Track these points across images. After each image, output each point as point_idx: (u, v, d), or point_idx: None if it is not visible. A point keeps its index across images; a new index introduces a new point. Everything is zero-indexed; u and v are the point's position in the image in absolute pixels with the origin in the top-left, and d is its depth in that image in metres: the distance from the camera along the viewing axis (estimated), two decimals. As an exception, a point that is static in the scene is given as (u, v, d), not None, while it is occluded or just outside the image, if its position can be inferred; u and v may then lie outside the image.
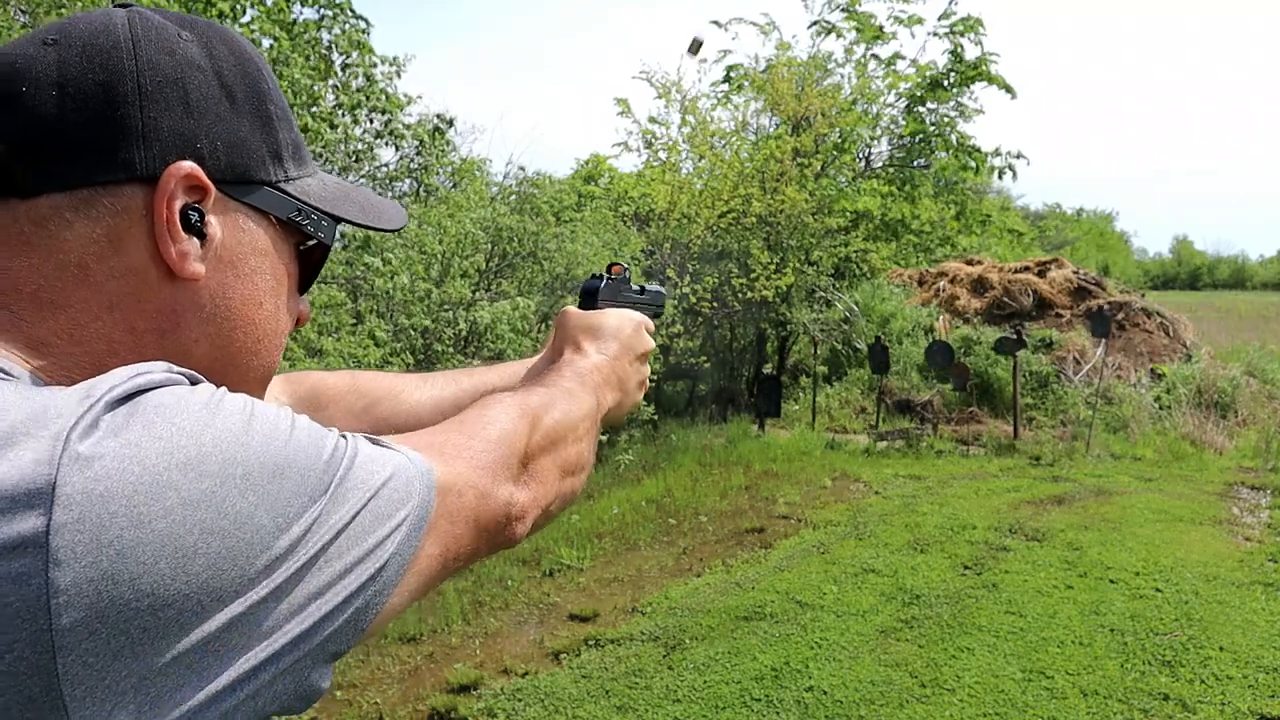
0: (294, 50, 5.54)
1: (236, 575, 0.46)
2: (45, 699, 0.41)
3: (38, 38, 0.57)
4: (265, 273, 0.63)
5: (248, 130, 0.61)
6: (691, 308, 10.21)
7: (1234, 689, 3.79)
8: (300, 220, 0.64)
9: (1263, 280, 67.95)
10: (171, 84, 0.57)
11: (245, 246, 0.62)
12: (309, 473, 0.50)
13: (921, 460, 8.53)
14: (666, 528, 6.50)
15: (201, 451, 0.46)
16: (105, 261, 0.56)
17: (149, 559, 0.43)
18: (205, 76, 0.59)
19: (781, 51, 12.75)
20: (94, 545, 0.42)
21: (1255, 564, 5.37)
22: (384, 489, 0.54)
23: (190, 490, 0.44)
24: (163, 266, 0.57)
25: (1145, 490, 7.27)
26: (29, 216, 0.55)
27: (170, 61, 0.58)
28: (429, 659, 4.44)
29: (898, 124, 13.24)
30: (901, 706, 3.71)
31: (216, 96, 0.59)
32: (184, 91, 0.58)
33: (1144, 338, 11.78)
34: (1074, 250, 38.81)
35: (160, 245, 0.57)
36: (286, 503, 0.48)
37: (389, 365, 5.81)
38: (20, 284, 0.55)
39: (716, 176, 11.20)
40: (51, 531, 0.41)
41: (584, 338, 0.97)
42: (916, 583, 5.09)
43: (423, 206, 7.52)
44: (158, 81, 0.57)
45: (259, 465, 0.48)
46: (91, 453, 0.43)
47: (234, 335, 0.62)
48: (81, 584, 0.41)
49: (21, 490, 0.41)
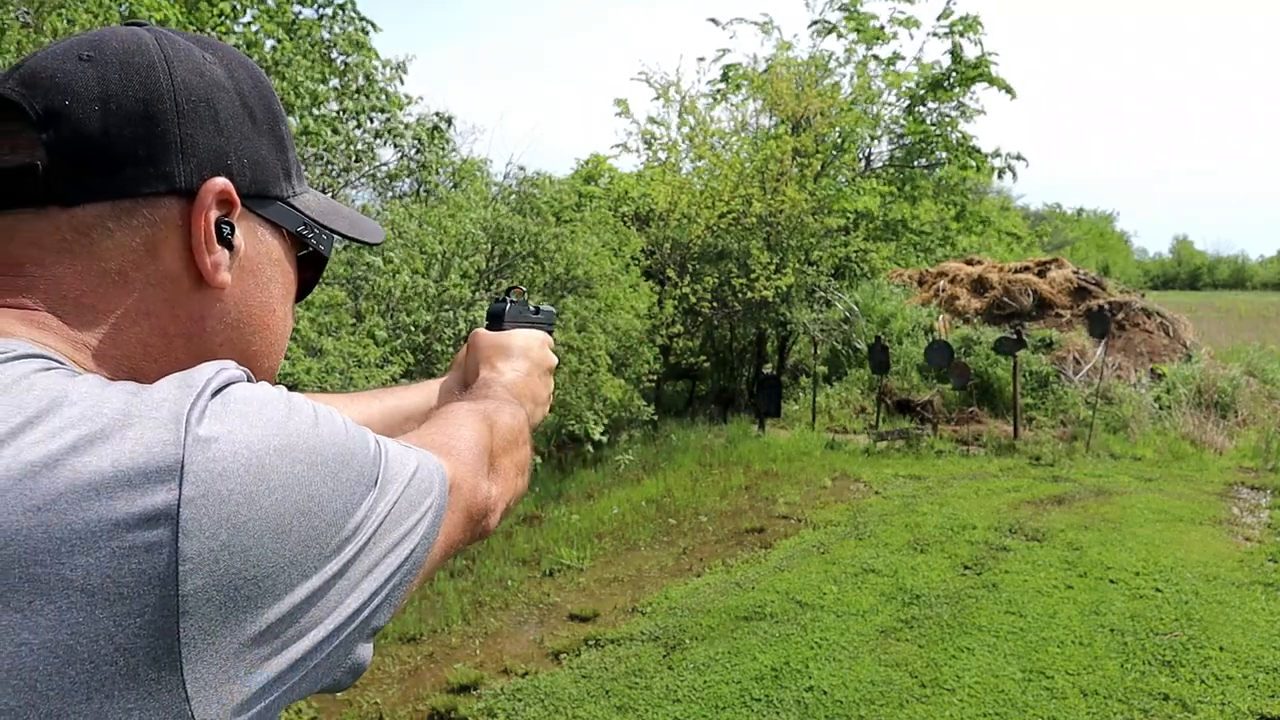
0: (295, 51, 5.54)
1: (317, 552, 0.52)
2: (167, 659, 0.46)
3: (72, 53, 0.60)
4: (278, 281, 0.68)
5: (266, 149, 0.66)
6: (691, 308, 10.21)
7: (1234, 689, 3.79)
8: (305, 233, 0.69)
9: (1263, 280, 67.93)
10: (204, 103, 0.61)
11: (263, 257, 0.66)
12: (365, 463, 0.56)
13: (921, 460, 8.53)
14: (666, 528, 6.50)
15: (290, 440, 0.51)
16: (143, 269, 0.60)
17: (257, 533, 0.48)
18: (230, 97, 0.63)
19: (781, 51, 12.74)
20: (216, 518, 0.47)
21: (1255, 564, 5.37)
22: (413, 480, 0.60)
23: (286, 473, 0.50)
24: (194, 275, 0.61)
25: (1145, 490, 7.27)
26: (71, 225, 0.58)
27: (201, 82, 0.61)
28: (429, 659, 4.44)
29: (898, 124, 13.24)
30: (901, 706, 3.71)
31: (241, 116, 0.63)
32: (214, 110, 0.62)
33: (1144, 338, 11.78)
34: (1074, 250, 38.83)
35: (196, 255, 0.61)
36: (351, 489, 0.54)
37: (389, 364, 5.81)
38: (65, 290, 0.58)
39: (716, 177, 11.20)
40: (182, 504, 0.46)
41: (498, 357, 1.03)
42: (916, 583, 5.08)
43: (423, 206, 7.52)
44: (192, 100, 0.60)
45: (332, 455, 0.53)
46: (209, 434, 0.48)
47: (252, 339, 0.67)
48: (204, 553, 0.46)
49: (154, 467, 0.46)
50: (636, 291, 9.01)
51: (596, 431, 7.59)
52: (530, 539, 6.22)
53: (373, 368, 5.56)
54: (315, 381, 5.17)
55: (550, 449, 8.63)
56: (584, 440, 7.74)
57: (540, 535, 6.31)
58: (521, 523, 6.68)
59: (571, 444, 8.36)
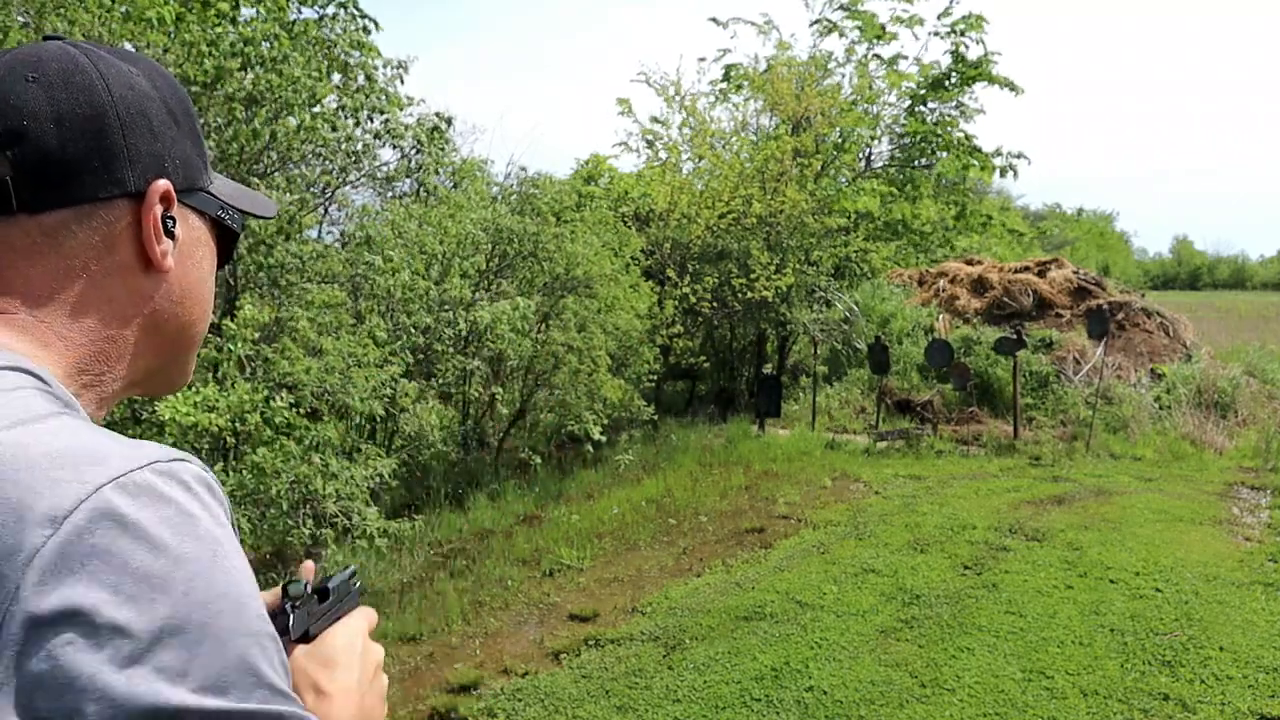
0: (294, 49, 5.54)
1: None
2: None
3: (16, 74, 0.67)
4: (207, 258, 0.78)
5: (189, 147, 0.75)
6: (691, 308, 10.21)
7: (1234, 689, 3.79)
8: (223, 216, 0.79)
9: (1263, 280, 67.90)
10: (139, 113, 0.70)
11: (194, 240, 0.76)
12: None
13: (921, 460, 8.53)
14: (666, 528, 6.50)
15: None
16: (102, 262, 0.69)
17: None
18: (157, 105, 0.72)
19: (781, 51, 12.75)
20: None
21: (1255, 564, 5.37)
22: None
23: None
24: (144, 262, 0.71)
25: (1145, 490, 7.27)
26: (39, 229, 0.67)
27: (133, 94, 0.70)
28: (429, 659, 4.44)
29: (899, 124, 13.23)
30: (901, 706, 3.71)
31: (168, 121, 0.72)
32: (148, 119, 0.71)
33: (1144, 338, 11.78)
34: (1074, 250, 38.81)
35: (147, 247, 0.70)
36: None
37: (389, 364, 5.81)
38: (37, 288, 0.67)
39: (717, 177, 11.20)
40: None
41: (321, 676, 0.80)
42: (916, 583, 5.08)
43: (423, 206, 7.52)
44: (130, 112, 0.69)
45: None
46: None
47: (191, 310, 0.77)
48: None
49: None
50: (636, 291, 9.01)
51: (596, 431, 7.59)
52: (530, 539, 6.22)
53: (373, 368, 5.56)
54: (315, 381, 5.18)
55: (550, 449, 8.63)
56: (584, 440, 7.74)
57: (540, 535, 6.31)
58: (521, 523, 6.68)
59: (571, 444, 8.36)
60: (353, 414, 5.56)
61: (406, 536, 5.72)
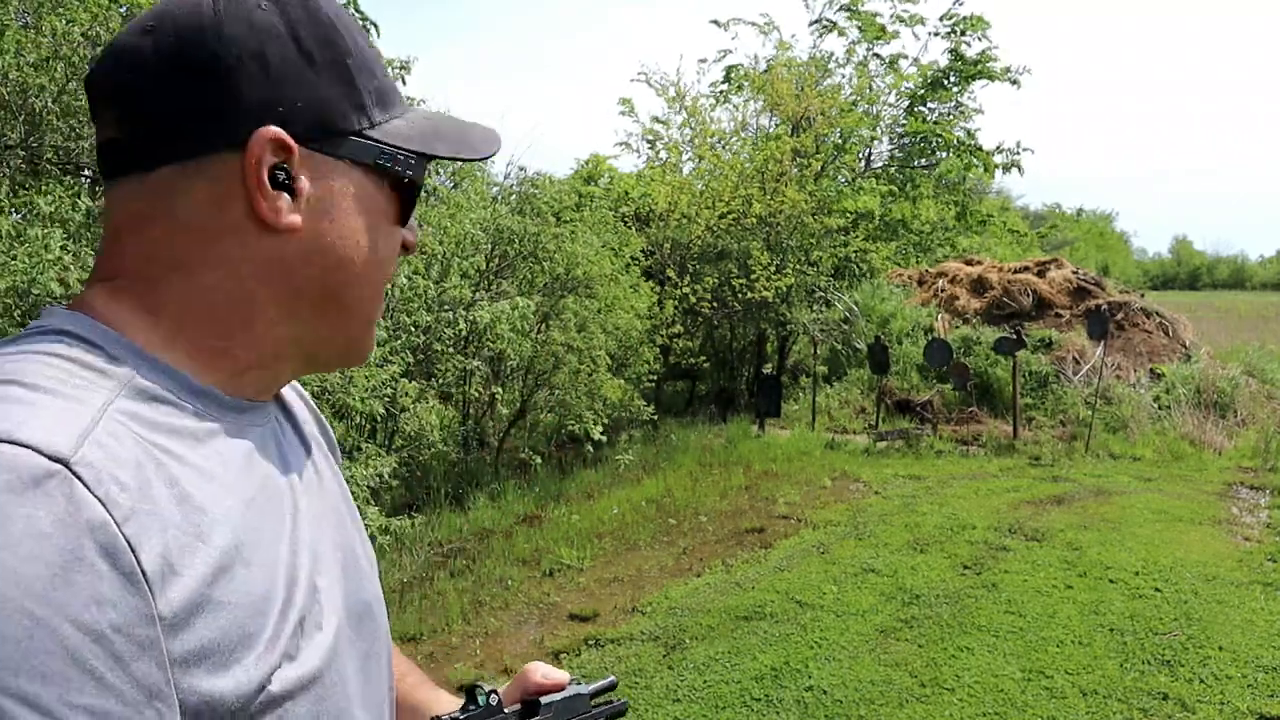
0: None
1: None
2: None
3: (138, 26, 0.64)
4: (358, 214, 0.69)
5: (328, 87, 0.67)
6: (691, 308, 10.21)
7: (1233, 688, 3.79)
8: (386, 163, 0.70)
9: (1262, 280, 67.96)
10: (253, 56, 0.64)
11: (337, 194, 0.68)
12: None
13: (921, 460, 8.53)
14: (666, 528, 6.50)
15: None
16: (214, 221, 0.64)
17: None
18: (283, 43, 0.65)
19: (781, 51, 12.75)
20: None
21: (1254, 564, 5.37)
22: None
23: None
24: (259, 221, 0.65)
25: (1145, 490, 7.27)
26: (151, 189, 0.64)
27: (250, 33, 0.64)
28: (429, 659, 4.45)
29: (899, 124, 13.24)
30: (901, 706, 3.72)
31: (294, 60, 0.65)
32: (264, 61, 0.64)
33: (1143, 338, 11.78)
34: (1074, 250, 38.80)
35: (254, 203, 0.64)
36: None
37: (389, 364, 5.82)
38: (151, 250, 0.64)
39: (717, 177, 11.21)
40: None
41: None
42: (916, 583, 5.09)
43: (423, 206, 7.52)
44: (238, 56, 0.63)
45: None
46: None
47: (335, 273, 0.69)
48: None
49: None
50: (636, 291, 9.01)
51: (596, 431, 7.59)
52: (530, 539, 6.23)
53: (373, 367, 5.56)
54: (313, 379, 5.17)
55: (550, 449, 8.63)
56: (584, 440, 7.75)
57: (540, 535, 6.31)
58: (521, 523, 6.68)
59: (571, 444, 8.37)
60: (353, 413, 5.56)
61: (407, 535, 5.73)
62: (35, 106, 4.67)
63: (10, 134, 4.71)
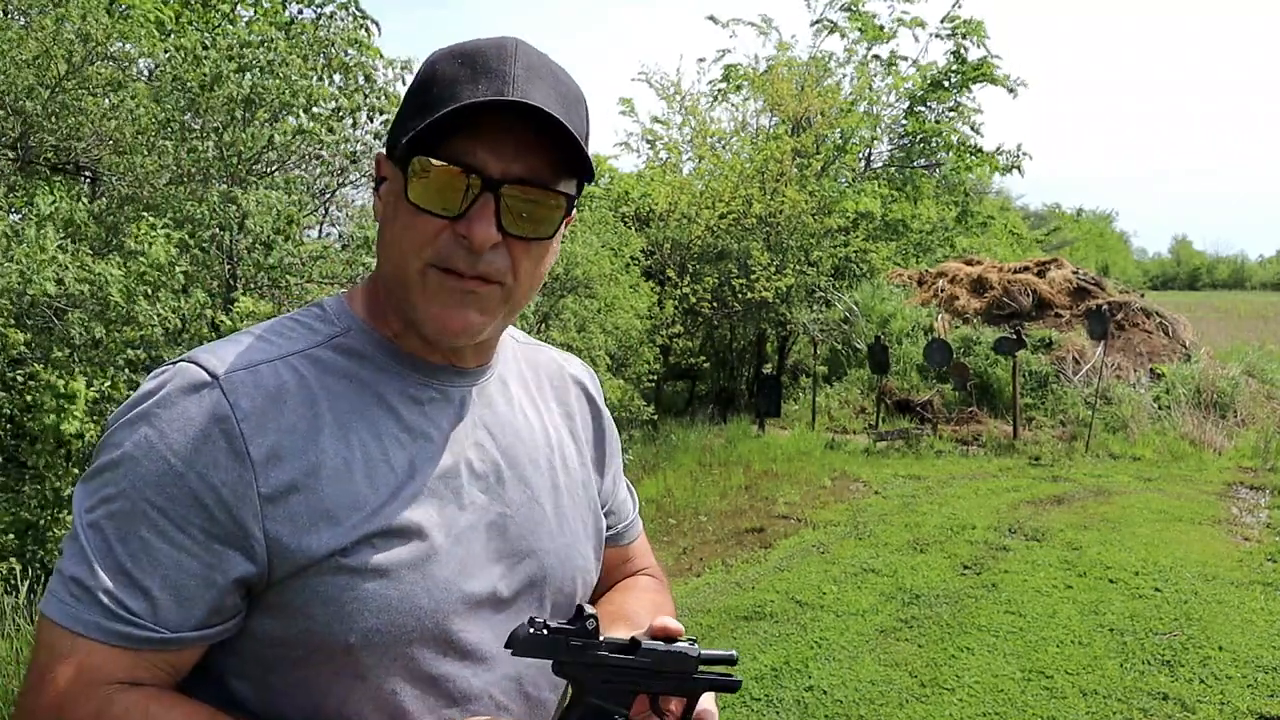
0: (292, 51, 5.54)
1: None
2: None
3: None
4: (389, 204, 0.88)
5: (405, 111, 0.87)
6: (691, 308, 10.21)
7: (1233, 688, 3.79)
8: (393, 153, 0.88)
9: (1262, 280, 67.98)
10: (406, 95, 0.88)
11: (387, 192, 0.89)
12: None
13: (921, 460, 8.53)
14: (666, 528, 6.50)
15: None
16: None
17: None
18: (412, 88, 0.88)
19: (781, 51, 12.75)
20: None
21: (1254, 564, 5.37)
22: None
23: None
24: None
25: (1144, 490, 7.27)
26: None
27: (413, 80, 0.88)
28: (429, 659, 4.44)
29: (899, 124, 13.24)
30: (901, 706, 3.71)
31: (406, 99, 0.87)
32: (403, 100, 0.89)
33: (1143, 338, 11.78)
34: (1074, 250, 38.76)
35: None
36: None
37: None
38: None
39: (717, 177, 11.21)
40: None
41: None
42: (916, 583, 5.09)
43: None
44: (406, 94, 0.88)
45: None
46: None
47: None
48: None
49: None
50: (636, 291, 9.01)
51: (596, 431, 7.57)
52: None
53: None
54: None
55: (550, 449, 8.62)
56: (584, 440, 7.73)
57: (540, 535, 6.30)
58: (521, 523, 6.68)
59: (571, 444, 8.35)
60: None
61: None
62: (26, 107, 4.67)
63: (9, 133, 4.71)
